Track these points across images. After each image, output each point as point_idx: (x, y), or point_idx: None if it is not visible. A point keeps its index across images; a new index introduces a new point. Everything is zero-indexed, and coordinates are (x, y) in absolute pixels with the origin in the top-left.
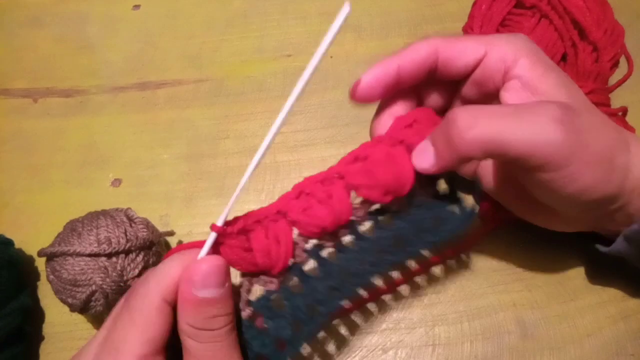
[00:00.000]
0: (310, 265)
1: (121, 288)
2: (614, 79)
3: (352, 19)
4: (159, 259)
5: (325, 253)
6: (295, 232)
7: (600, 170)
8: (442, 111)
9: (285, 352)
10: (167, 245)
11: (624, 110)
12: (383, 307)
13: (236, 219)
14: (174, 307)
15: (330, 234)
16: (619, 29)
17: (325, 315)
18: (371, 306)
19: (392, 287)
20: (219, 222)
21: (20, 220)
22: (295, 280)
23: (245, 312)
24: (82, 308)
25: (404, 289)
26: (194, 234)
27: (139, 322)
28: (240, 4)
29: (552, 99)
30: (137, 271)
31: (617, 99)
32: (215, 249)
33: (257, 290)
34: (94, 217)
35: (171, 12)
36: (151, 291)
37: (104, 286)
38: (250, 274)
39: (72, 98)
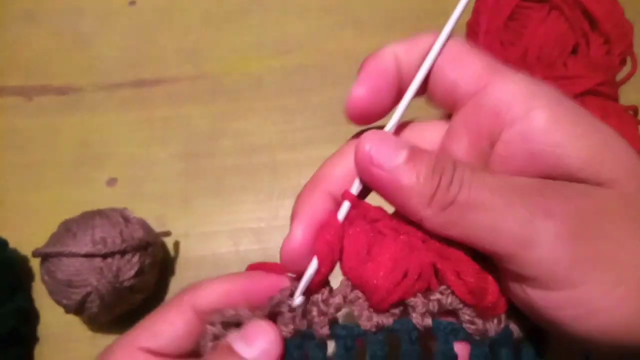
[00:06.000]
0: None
1: (116, 289)
2: (618, 78)
3: (353, 14)
4: (155, 259)
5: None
6: None
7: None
8: None
9: None
10: (164, 245)
11: (635, 109)
12: None
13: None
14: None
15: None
16: (628, 25)
17: None
18: None
19: None
20: (354, 190)
21: (14, 219)
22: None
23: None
24: (77, 309)
25: None
26: (191, 234)
27: (156, 317)
28: None
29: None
30: (132, 272)
31: (621, 97)
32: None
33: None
34: (89, 217)
35: (167, 7)
36: (186, 293)
37: (99, 287)
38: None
39: (67, 96)
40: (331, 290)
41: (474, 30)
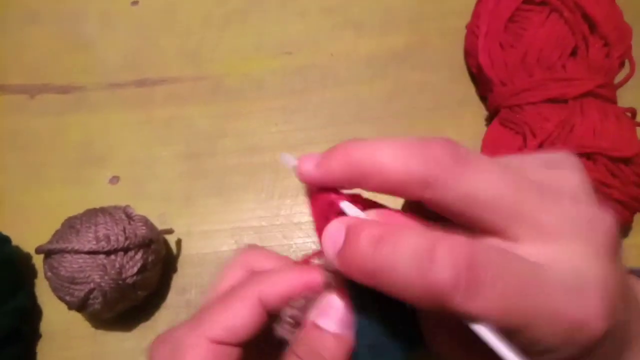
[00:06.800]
0: None
1: (119, 286)
2: (616, 80)
3: (353, 16)
4: (157, 257)
5: None
6: None
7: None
8: None
9: None
10: (166, 243)
11: (633, 111)
12: None
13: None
14: (268, 314)
15: None
16: (627, 28)
17: None
18: None
19: None
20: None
21: (17, 217)
22: None
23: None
24: (80, 306)
25: None
26: (193, 232)
27: (225, 307)
28: (239, 0)
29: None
30: (135, 269)
31: (619, 99)
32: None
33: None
34: (92, 215)
35: (169, 8)
36: (251, 283)
37: (102, 284)
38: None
39: (69, 94)
40: None
41: (473, 33)
